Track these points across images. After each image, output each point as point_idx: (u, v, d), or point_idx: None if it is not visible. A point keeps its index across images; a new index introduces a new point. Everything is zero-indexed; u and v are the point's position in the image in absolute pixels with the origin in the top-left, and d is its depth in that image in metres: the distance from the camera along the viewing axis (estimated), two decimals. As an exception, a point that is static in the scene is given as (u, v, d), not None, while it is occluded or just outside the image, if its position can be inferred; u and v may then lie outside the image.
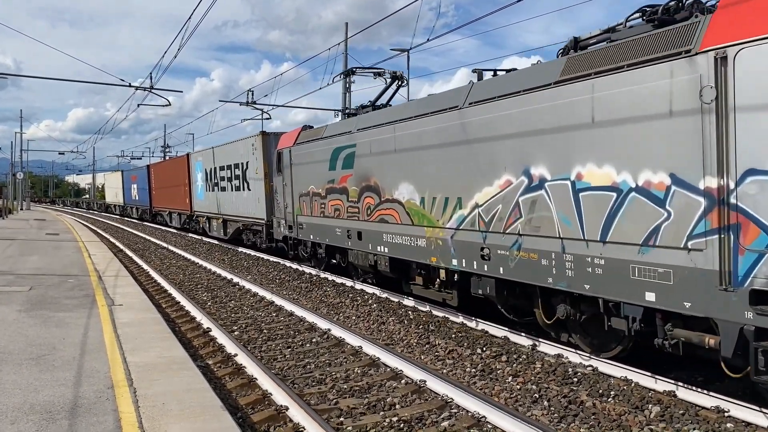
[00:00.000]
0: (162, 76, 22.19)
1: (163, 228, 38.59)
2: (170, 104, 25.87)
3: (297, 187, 16.50)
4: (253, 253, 22.34)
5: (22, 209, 61.12)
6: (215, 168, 26.78)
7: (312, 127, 17.03)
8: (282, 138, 18.64)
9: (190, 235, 32.37)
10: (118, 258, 19.74)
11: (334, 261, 15.68)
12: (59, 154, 74.64)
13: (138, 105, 29.27)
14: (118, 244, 27.71)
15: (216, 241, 27.54)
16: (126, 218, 53.20)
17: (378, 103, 14.71)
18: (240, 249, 23.83)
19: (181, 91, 27.72)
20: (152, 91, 23.16)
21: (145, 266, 19.31)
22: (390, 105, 14.32)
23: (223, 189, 25.68)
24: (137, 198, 47.83)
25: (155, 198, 41.29)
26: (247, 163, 22.36)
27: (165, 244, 26.86)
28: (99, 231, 36.17)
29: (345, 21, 29.21)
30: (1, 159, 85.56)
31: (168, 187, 36.71)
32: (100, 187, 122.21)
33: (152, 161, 64.79)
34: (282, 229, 18.21)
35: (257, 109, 30.27)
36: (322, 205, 14.82)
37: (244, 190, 22.91)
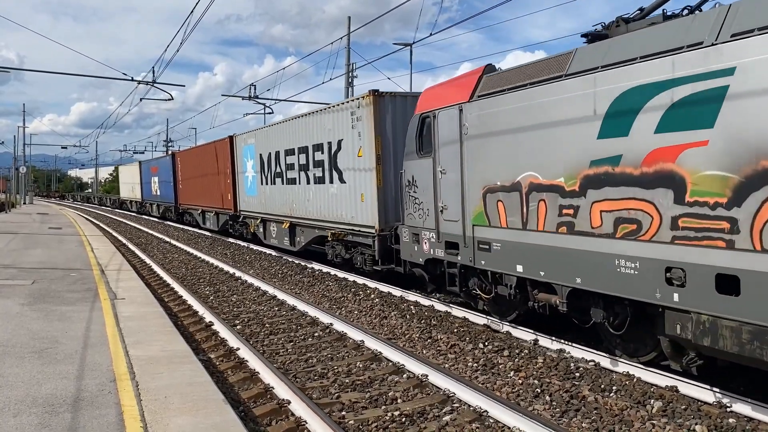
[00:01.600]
0: (164, 70, 22.00)
1: (193, 230, 31.12)
2: (172, 98, 25.90)
3: (477, 175, 9.37)
4: (255, 247, 22.34)
5: (25, 203, 61.22)
6: (277, 153, 19.16)
7: (495, 68, 9.64)
8: (430, 93, 11.07)
9: (232, 241, 24.97)
10: (120, 252, 19.76)
11: (576, 318, 8.41)
12: (62, 148, 74.72)
13: (141, 99, 29.28)
14: (120, 238, 27.75)
15: (276, 253, 20.28)
16: (143, 216, 46.01)
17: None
18: (242, 243, 23.83)
19: (184, 85, 27.80)
20: (154, 85, 23.17)
21: (147, 260, 19.34)
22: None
23: (292, 181, 18.15)
24: (158, 193, 39.40)
25: (182, 193, 33.15)
26: (339, 142, 14.98)
27: (168, 239, 26.88)
28: (102, 225, 36.22)
29: (348, 15, 29.16)
30: (4, 153, 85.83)
31: (201, 178, 28.32)
32: (104, 181, 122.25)
33: (155, 155, 64.26)
34: (426, 247, 10.90)
35: (259, 103, 30.31)
36: (567, 210, 7.67)
37: (331, 182, 15.53)
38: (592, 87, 7.29)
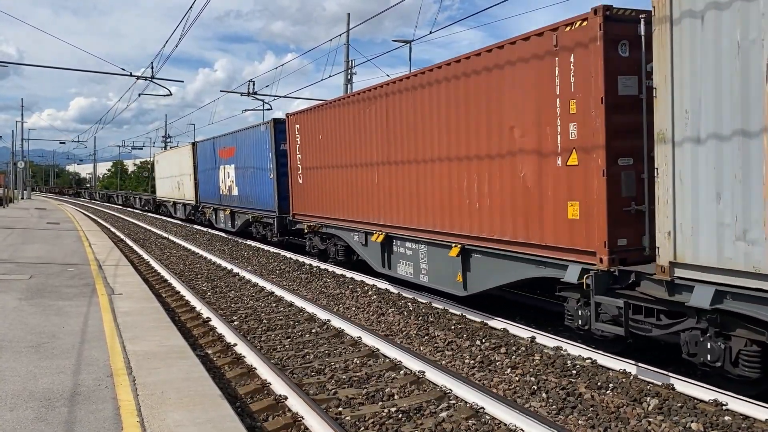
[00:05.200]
0: (163, 65, 21.83)
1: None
2: (171, 94, 25.86)
3: None
4: (253, 243, 22.33)
5: (22, 198, 61.14)
6: None
7: None
8: None
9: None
10: (118, 248, 19.75)
11: None
12: (60, 143, 74.77)
13: (139, 94, 29.25)
14: (118, 233, 27.71)
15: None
16: (195, 226, 30.54)
17: None
18: (240, 240, 23.79)
19: (182, 81, 27.73)
20: (153, 80, 23.13)
21: (145, 256, 19.32)
22: None
23: None
24: (235, 192, 23.80)
25: (306, 193, 16.65)
26: None
27: (165, 234, 26.85)
28: (99, 221, 36.17)
29: (347, 12, 29.14)
30: (2, 148, 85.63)
31: (396, 166, 12.04)
32: (102, 177, 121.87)
33: (154, 151, 63.17)
34: None
35: (258, 99, 30.27)
36: None
37: None
38: None
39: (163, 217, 38.29)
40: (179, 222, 34.10)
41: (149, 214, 42.95)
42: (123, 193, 66.93)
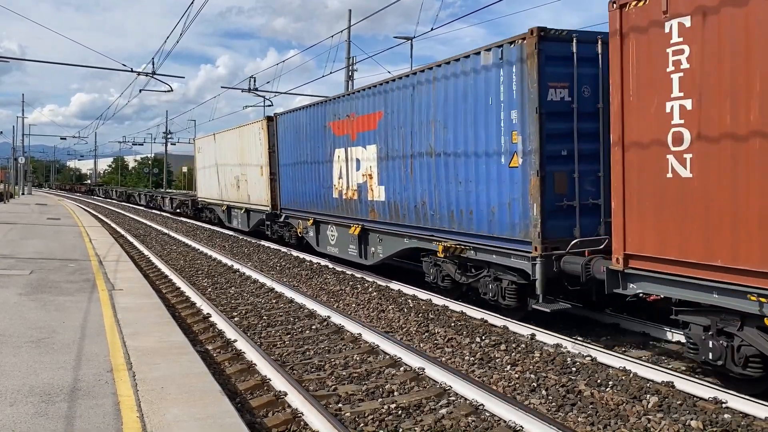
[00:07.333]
0: (165, 61, 21.59)
1: None
2: (172, 90, 25.82)
3: None
4: (253, 240, 22.34)
5: (23, 194, 61.16)
6: None
7: None
8: None
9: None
10: (119, 243, 19.75)
11: None
12: (61, 139, 74.66)
13: (140, 90, 29.17)
14: (119, 229, 27.72)
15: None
16: (269, 246, 20.30)
17: None
18: (241, 236, 23.77)
19: (183, 77, 27.86)
20: (154, 76, 23.11)
21: (145, 251, 19.33)
22: None
23: None
24: (378, 196, 13.11)
25: None
26: None
27: (166, 230, 26.85)
28: (100, 216, 36.19)
29: (349, 8, 29.08)
30: (3, 143, 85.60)
31: None
32: (102, 173, 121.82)
33: (154, 148, 62.69)
34: None
35: (259, 95, 30.26)
36: None
37: None
38: None
39: (205, 225, 28.35)
40: (234, 234, 24.13)
41: (183, 219, 32.63)
42: (147, 191, 53.42)
